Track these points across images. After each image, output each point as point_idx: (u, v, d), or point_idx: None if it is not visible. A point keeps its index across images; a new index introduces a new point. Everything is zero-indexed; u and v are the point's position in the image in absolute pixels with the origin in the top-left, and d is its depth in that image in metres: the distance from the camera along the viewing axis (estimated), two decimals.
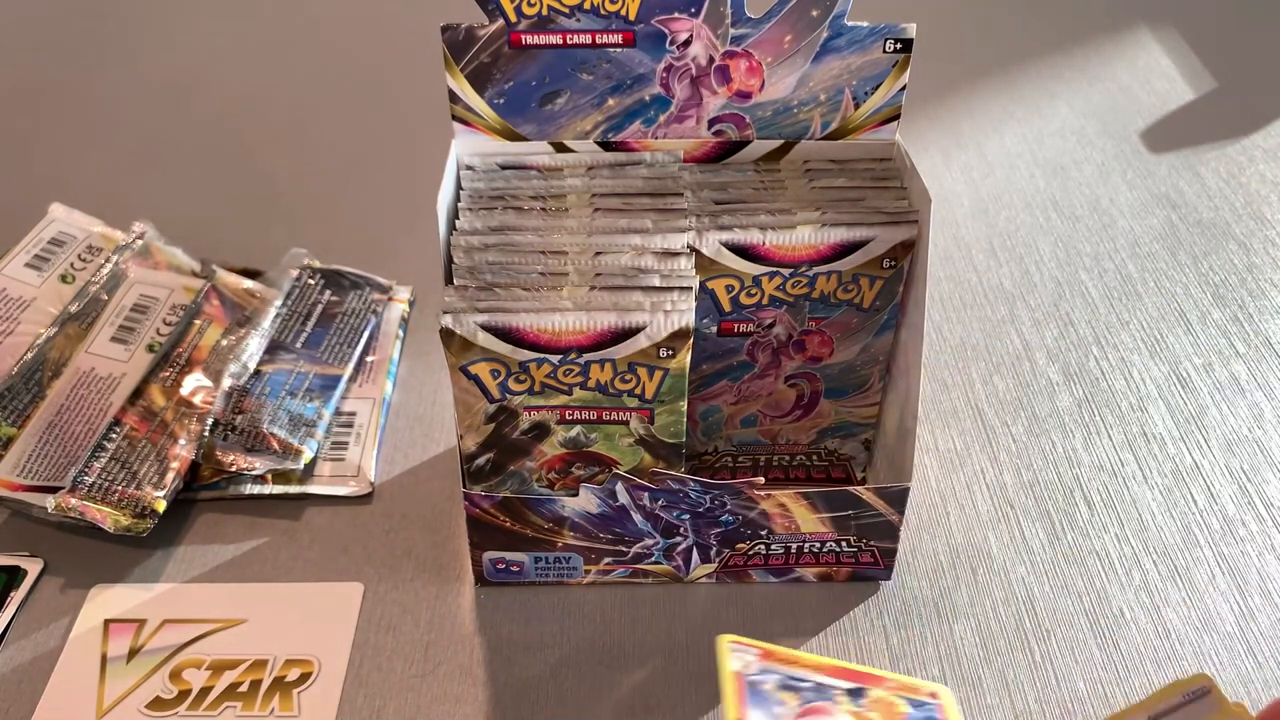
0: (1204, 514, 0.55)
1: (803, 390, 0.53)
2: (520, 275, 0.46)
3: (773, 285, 0.48)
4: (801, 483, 0.57)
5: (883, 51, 0.47)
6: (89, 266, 0.63)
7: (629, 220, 0.48)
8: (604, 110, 0.49)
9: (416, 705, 0.47)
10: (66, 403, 0.56)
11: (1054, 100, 0.85)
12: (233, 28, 0.95)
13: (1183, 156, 0.79)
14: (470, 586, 0.52)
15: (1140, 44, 0.91)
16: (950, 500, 0.56)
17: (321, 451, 0.58)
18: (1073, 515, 0.55)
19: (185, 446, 0.55)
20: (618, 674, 0.48)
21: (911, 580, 0.52)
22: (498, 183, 0.50)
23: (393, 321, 0.65)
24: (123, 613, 0.51)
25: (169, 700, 0.48)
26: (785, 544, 0.50)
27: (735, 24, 0.46)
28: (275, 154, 0.81)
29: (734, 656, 0.36)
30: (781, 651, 0.37)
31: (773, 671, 0.36)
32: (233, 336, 0.61)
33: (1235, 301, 0.67)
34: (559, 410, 0.47)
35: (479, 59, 0.47)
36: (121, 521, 0.52)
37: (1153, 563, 0.53)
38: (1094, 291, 0.68)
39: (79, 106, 0.86)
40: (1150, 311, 0.67)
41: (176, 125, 0.84)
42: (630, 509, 0.48)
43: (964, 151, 0.80)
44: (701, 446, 0.56)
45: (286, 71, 0.89)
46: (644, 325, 0.45)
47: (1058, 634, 0.50)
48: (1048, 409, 0.60)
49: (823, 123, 0.49)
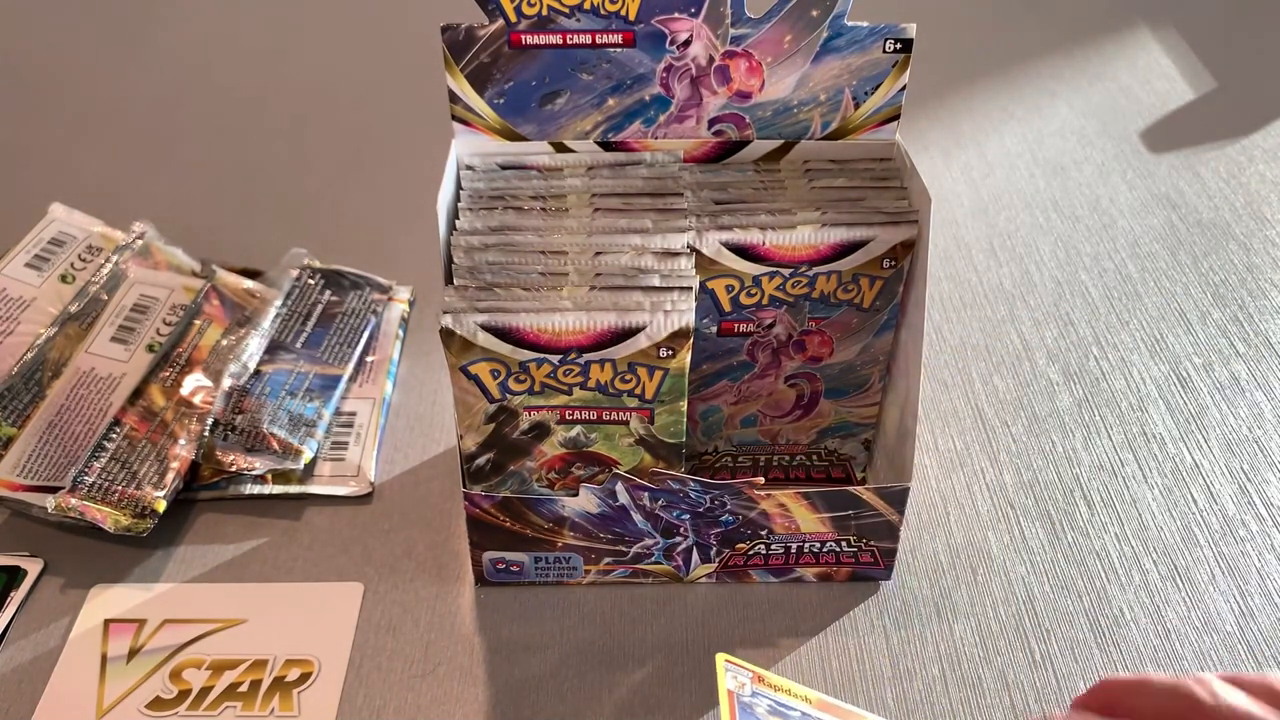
0: (1204, 514, 0.55)
1: (803, 390, 0.53)
2: (520, 275, 0.46)
3: (773, 285, 0.48)
4: (801, 483, 0.57)
5: (883, 51, 0.47)
6: (89, 266, 0.63)
7: (629, 220, 0.48)
8: (604, 110, 0.49)
9: (416, 705, 0.47)
10: (66, 403, 0.56)
11: (1054, 100, 0.85)
12: (233, 28, 0.95)
13: (1183, 156, 0.79)
14: (470, 586, 0.52)
15: (1140, 44, 0.91)
16: (950, 500, 0.56)
17: (321, 451, 0.57)
18: (1073, 515, 0.55)
19: (185, 446, 0.55)
20: (618, 674, 0.48)
21: (911, 580, 0.52)
22: (498, 183, 0.50)
23: (393, 321, 0.65)
24: (123, 613, 0.51)
25: (169, 700, 0.48)
26: (785, 544, 0.50)
27: (735, 24, 0.46)
28: (275, 154, 0.81)
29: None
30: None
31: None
32: (233, 336, 0.61)
33: (1235, 301, 0.67)
34: (559, 410, 0.47)
35: (479, 59, 0.47)
36: (121, 521, 0.52)
37: (1153, 563, 0.53)
38: (1094, 291, 0.68)
39: (79, 106, 0.86)
40: (1150, 311, 0.67)
41: (176, 125, 0.84)
42: (630, 509, 0.48)
43: (964, 151, 0.80)
44: (701, 446, 0.56)
45: (287, 71, 0.89)
46: (644, 325, 0.45)
47: (1058, 634, 0.50)
48: (1048, 409, 0.60)
49: (823, 123, 0.49)
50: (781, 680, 0.38)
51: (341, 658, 0.49)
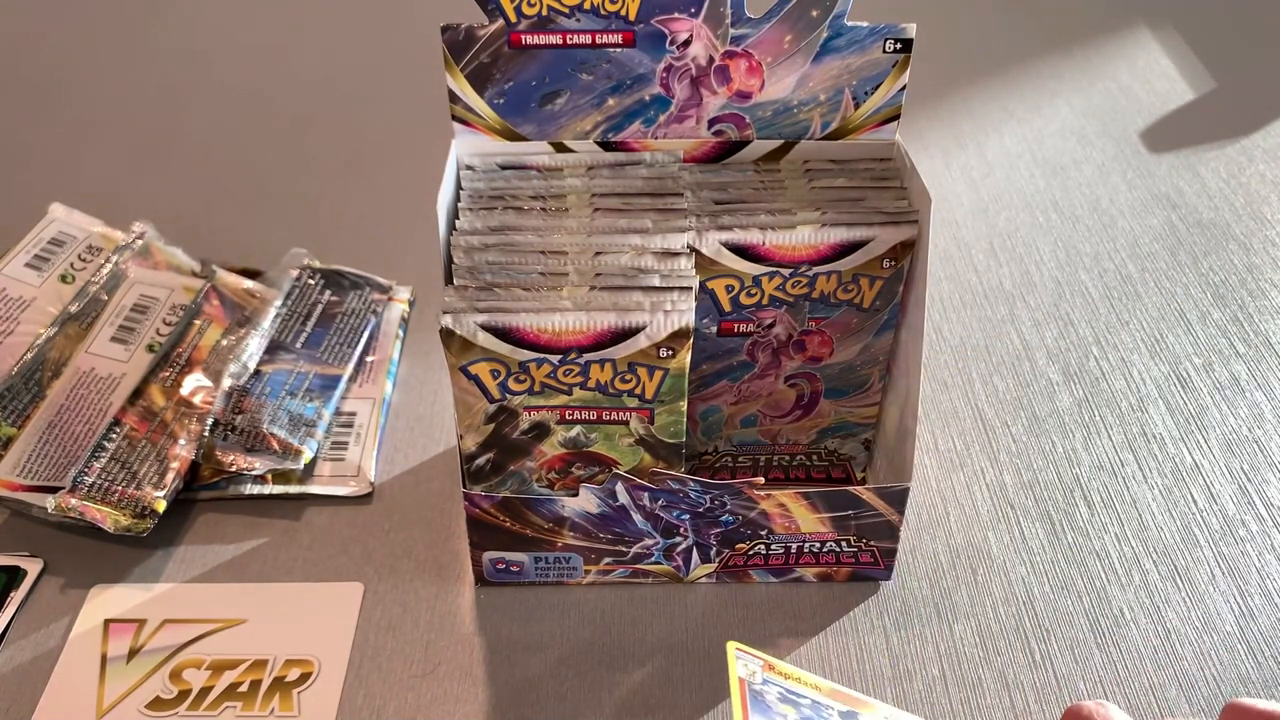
0: (1204, 514, 0.55)
1: (803, 390, 0.53)
2: (520, 275, 0.46)
3: (773, 285, 0.48)
4: (801, 483, 0.57)
5: (883, 51, 0.47)
6: (89, 266, 0.63)
7: (629, 220, 0.48)
8: (604, 110, 0.49)
9: (416, 705, 0.47)
10: (66, 403, 0.56)
11: (1054, 100, 0.85)
12: (233, 28, 0.95)
13: (1183, 156, 0.79)
14: (470, 586, 0.52)
15: (1140, 44, 0.91)
16: (950, 500, 0.56)
17: (321, 451, 0.57)
18: (1073, 515, 0.55)
19: (185, 446, 0.55)
20: (618, 674, 0.48)
21: (911, 580, 0.52)
22: (498, 183, 0.50)
23: (393, 321, 0.65)
24: (123, 613, 0.51)
25: (169, 700, 0.48)
26: (785, 544, 0.50)
27: (735, 24, 0.46)
28: (275, 154, 0.81)
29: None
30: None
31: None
32: (233, 336, 0.61)
33: (1235, 301, 0.67)
34: (559, 410, 0.47)
35: (479, 59, 0.47)
36: (121, 521, 0.52)
37: (1153, 563, 0.53)
38: (1094, 291, 0.68)
39: (79, 106, 0.86)
40: (1150, 311, 0.67)
41: (176, 125, 0.84)
42: (630, 509, 0.48)
43: (964, 151, 0.80)
44: (701, 446, 0.56)
45: (287, 71, 0.89)
46: (644, 325, 0.45)
47: (1058, 634, 0.50)
48: (1048, 409, 0.60)
49: (823, 123, 0.49)
50: (792, 669, 0.38)
51: (341, 658, 0.49)
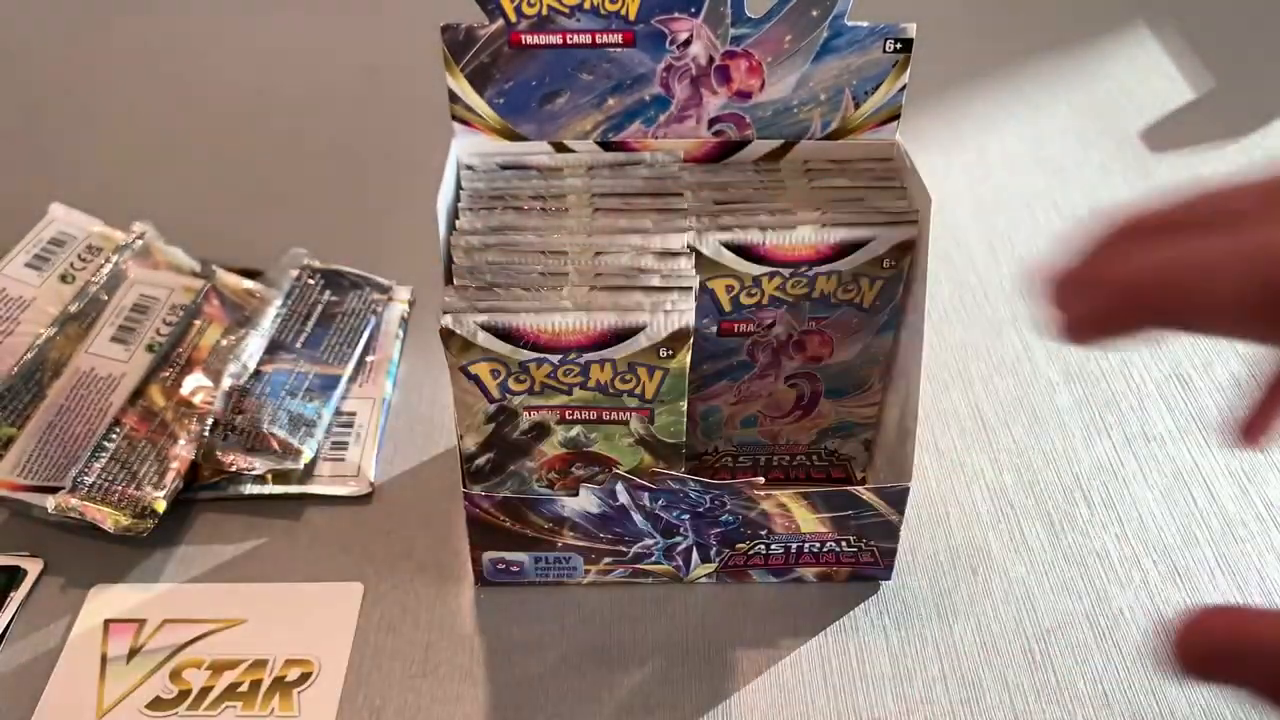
0: (1204, 514, 0.55)
1: (803, 390, 0.53)
2: (520, 275, 0.46)
3: (773, 285, 0.48)
4: (801, 483, 0.56)
5: (883, 51, 0.47)
6: (89, 266, 0.63)
7: (629, 220, 0.48)
8: (604, 110, 0.49)
9: (416, 705, 0.47)
10: (66, 403, 0.56)
11: (1054, 100, 0.85)
12: (232, 28, 0.95)
13: (1183, 156, 0.79)
14: (470, 586, 0.52)
15: (1140, 44, 0.91)
16: (950, 500, 0.56)
17: (321, 451, 0.57)
18: (1073, 515, 0.55)
19: (185, 446, 0.55)
20: (618, 674, 0.48)
21: (911, 580, 0.52)
22: (498, 183, 0.50)
23: (393, 321, 0.65)
24: (123, 613, 0.51)
25: (169, 700, 0.48)
26: (785, 544, 0.50)
27: (735, 24, 0.46)
28: (275, 154, 0.80)
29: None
30: None
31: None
32: (233, 336, 0.61)
33: None
34: (559, 410, 0.47)
35: (479, 59, 0.47)
36: (121, 521, 0.52)
37: (1153, 563, 0.53)
38: None
39: (79, 106, 0.86)
40: None
41: (176, 125, 0.84)
42: (630, 509, 0.48)
43: (964, 151, 0.80)
44: (701, 446, 0.56)
45: (286, 71, 0.89)
46: (644, 325, 0.45)
47: (1058, 634, 0.50)
48: (1048, 409, 0.60)
49: (823, 123, 0.49)
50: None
51: (341, 658, 0.49)
